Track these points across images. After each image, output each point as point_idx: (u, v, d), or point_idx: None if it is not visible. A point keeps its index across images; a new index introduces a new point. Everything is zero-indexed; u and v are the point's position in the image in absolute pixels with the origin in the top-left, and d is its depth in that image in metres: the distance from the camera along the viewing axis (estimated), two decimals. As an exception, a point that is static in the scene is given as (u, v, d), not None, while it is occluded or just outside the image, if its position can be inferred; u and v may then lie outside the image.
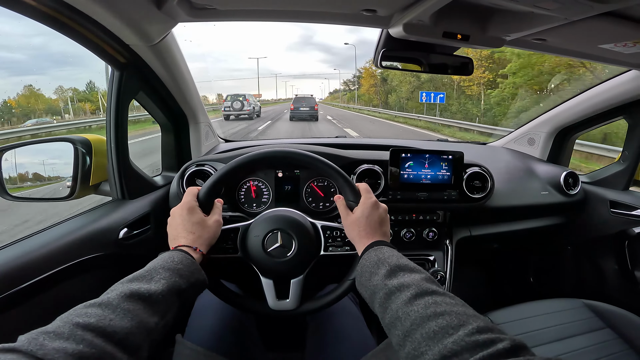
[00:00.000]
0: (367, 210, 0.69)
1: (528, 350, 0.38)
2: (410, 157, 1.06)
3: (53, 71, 29.19)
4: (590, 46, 0.86)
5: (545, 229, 1.36)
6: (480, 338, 0.39)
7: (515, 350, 0.37)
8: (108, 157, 0.90)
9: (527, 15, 0.72)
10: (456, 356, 0.39)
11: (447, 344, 0.40)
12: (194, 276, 0.59)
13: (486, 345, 0.38)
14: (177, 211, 0.69)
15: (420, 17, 0.75)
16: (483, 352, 0.37)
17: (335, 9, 0.80)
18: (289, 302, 0.74)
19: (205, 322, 0.82)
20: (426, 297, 0.49)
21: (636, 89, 1.13)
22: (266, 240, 0.73)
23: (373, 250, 0.63)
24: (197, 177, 1.01)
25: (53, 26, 0.68)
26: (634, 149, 1.26)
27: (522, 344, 0.38)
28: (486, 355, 0.37)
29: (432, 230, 1.14)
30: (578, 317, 1.01)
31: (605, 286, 1.37)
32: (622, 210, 1.27)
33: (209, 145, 1.37)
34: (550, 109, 1.48)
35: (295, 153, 0.76)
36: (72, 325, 0.40)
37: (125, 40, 0.80)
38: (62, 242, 0.74)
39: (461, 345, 0.39)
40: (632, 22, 0.71)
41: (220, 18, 0.84)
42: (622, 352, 0.90)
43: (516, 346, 0.38)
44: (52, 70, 27.63)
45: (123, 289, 0.48)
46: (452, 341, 0.40)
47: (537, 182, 1.34)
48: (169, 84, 1.02)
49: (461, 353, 0.38)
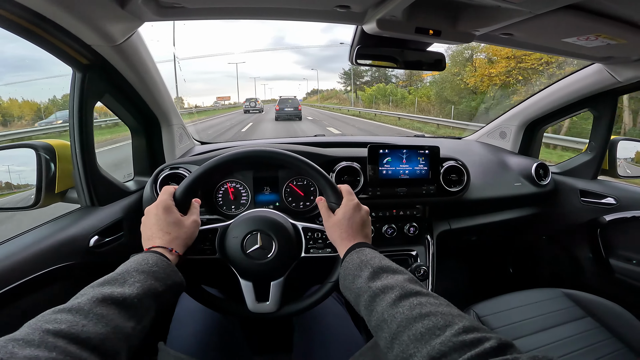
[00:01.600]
0: (349, 212, 0.68)
1: (515, 348, 0.38)
2: (388, 153, 1.07)
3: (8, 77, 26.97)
4: (555, 40, 0.89)
5: (520, 219, 1.40)
6: (467, 338, 0.39)
7: (502, 348, 0.38)
8: (73, 163, 0.86)
9: (494, 9, 0.73)
10: (445, 357, 0.39)
11: (435, 345, 0.40)
12: (171, 278, 0.57)
13: (473, 344, 0.38)
14: (152, 210, 0.66)
15: (393, 13, 0.75)
16: (471, 352, 0.37)
17: (309, 5, 0.79)
18: (268, 305, 0.72)
19: (188, 328, 0.80)
20: (411, 298, 0.49)
21: (600, 81, 1.18)
22: (245, 242, 0.71)
23: (355, 253, 0.62)
24: (171, 181, 0.98)
25: (2, 26, 0.64)
26: (599, 140, 1.32)
27: (509, 342, 0.39)
28: (474, 355, 0.37)
29: (412, 225, 1.15)
30: (559, 307, 1.03)
31: (581, 275, 1.41)
32: (592, 199, 1.32)
33: (184, 147, 1.34)
34: (520, 102, 1.53)
35: (277, 153, 0.75)
36: (42, 332, 0.37)
37: (87, 41, 0.76)
38: (28, 252, 0.70)
39: (449, 345, 0.39)
40: (593, 16, 0.73)
41: (189, 17, 0.81)
42: (604, 341, 0.92)
43: (503, 344, 0.38)
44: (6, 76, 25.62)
45: (94, 294, 0.46)
46: (439, 342, 0.40)
47: (510, 174, 1.38)
48: (137, 86, 0.98)
49: (449, 354, 0.39)
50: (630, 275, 1.22)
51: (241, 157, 0.74)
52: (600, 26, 0.77)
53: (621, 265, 1.25)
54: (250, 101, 26.50)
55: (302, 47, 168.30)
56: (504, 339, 0.39)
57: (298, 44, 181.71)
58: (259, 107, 26.55)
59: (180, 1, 0.72)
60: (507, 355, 0.36)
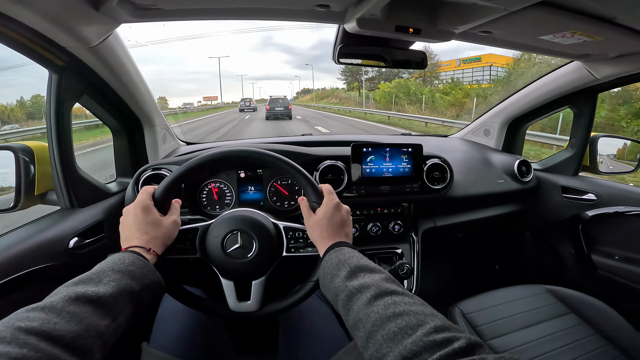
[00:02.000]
0: (329, 212, 0.68)
1: (484, 349, 0.39)
2: (371, 152, 1.07)
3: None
4: (532, 38, 0.90)
5: (504, 216, 1.42)
6: (437, 338, 0.40)
7: (470, 349, 0.38)
8: (52, 165, 0.85)
9: (471, 7, 0.74)
10: (416, 357, 0.39)
11: (406, 344, 0.40)
12: (148, 278, 0.56)
13: (443, 344, 0.39)
14: (130, 210, 0.65)
15: (372, 12, 0.75)
16: (440, 352, 0.38)
17: (288, 5, 0.79)
18: (250, 304, 0.72)
19: (171, 328, 0.80)
20: (385, 297, 0.49)
21: (579, 79, 1.20)
22: (226, 241, 0.71)
23: (334, 252, 0.62)
24: (153, 182, 0.97)
25: None
26: (580, 136, 1.34)
27: (478, 342, 0.39)
28: (443, 355, 0.37)
29: (397, 223, 1.15)
30: (543, 303, 1.04)
31: (565, 271, 1.43)
32: (573, 195, 1.34)
33: (168, 148, 1.32)
34: (503, 100, 1.55)
35: (258, 153, 0.74)
36: (14, 330, 0.38)
37: (61, 43, 0.75)
38: (6, 254, 0.70)
39: (419, 345, 0.40)
40: (568, 12, 0.74)
41: (166, 18, 0.80)
42: (588, 337, 0.93)
43: (471, 345, 0.38)
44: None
45: (68, 292, 0.45)
46: (411, 342, 0.40)
47: (494, 171, 1.39)
48: (116, 87, 0.97)
49: (420, 354, 0.39)
50: (612, 271, 1.23)
51: (221, 157, 0.73)
52: (575, 23, 0.78)
53: (603, 261, 1.26)
54: (245, 101, 29.72)
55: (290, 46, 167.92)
56: (473, 339, 0.39)
57: (286, 43, 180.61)
58: (253, 106, 29.07)
59: (157, 2, 0.71)
60: (475, 355, 0.37)
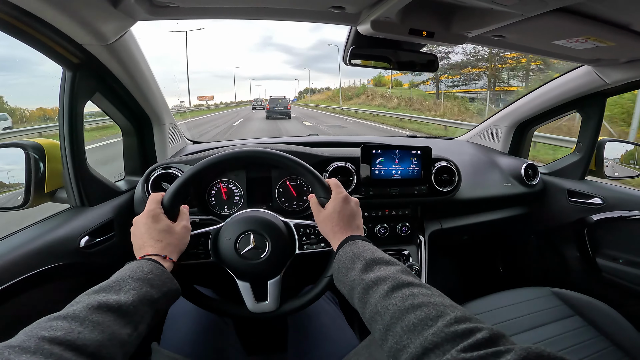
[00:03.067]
0: (338, 205, 0.68)
1: (507, 339, 0.39)
2: (380, 154, 1.07)
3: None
4: (545, 42, 0.91)
5: (510, 219, 1.42)
6: (459, 328, 0.40)
7: (494, 339, 0.38)
8: (63, 163, 0.84)
9: (487, 11, 0.74)
10: (437, 348, 0.39)
11: (427, 336, 0.40)
12: (167, 285, 0.56)
13: (465, 335, 0.39)
14: (140, 220, 0.65)
15: (387, 14, 0.75)
16: (463, 343, 0.38)
17: (303, 6, 0.79)
18: (268, 304, 0.72)
19: (181, 328, 0.80)
20: (403, 289, 0.49)
21: (588, 83, 1.20)
22: (238, 243, 0.71)
23: (348, 245, 0.62)
24: (163, 181, 0.97)
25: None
26: (587, 141, 1.34)
27: (501, 332, 0.39)
28: (466, 345, 0.37)
29: (405, 225, 1.16)
30: (547, 306, 1.04)
31: (569, 274, 1.43)
32: (579, 199, 1.34)
33: (176, 147, 1.32)
34: (510, 103, 1.55)
35: (261, 152, 0.74)
36: (38, 339, 0.37)
37: (78, 40, 0.75)
38: (16, 253, 0.69)
39: (441, 336, 0.39)
40: (584, 19, 0.75)
41: (183, 16, 0.80)
42: (592, 340, 0.93)
43: (495, 335, 0.38)
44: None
45: (90, 301, 0.45)
46: (432, 333, 0.40)
47: (500, 174, 1.39)
48: (129, 85, 0.96)
49: (442, 344, 0.39)
50: (617, 274, 1.24)
51: (228, 159, 0.73)
52: (590, 29, 0.78)
53: (608, 265, 1.27)
54: (257, 100, 37.28)
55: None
56: (495, 330, 0.39)
57: (286, 43, 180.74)
58: (263, 105, 32.23)
59: (174, 0, 0.71)
60: (500, 346, 0.37)
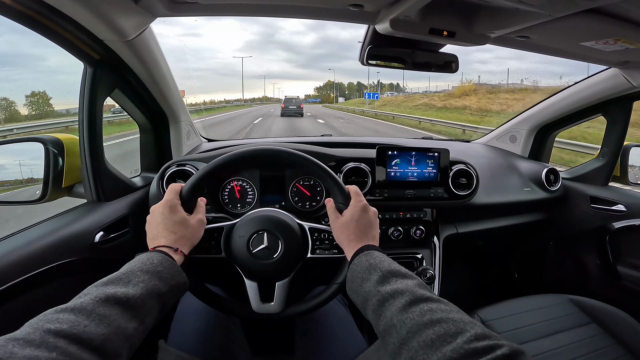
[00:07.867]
0: (356, 214, 0.67)
1: (526, 356, 0.38)
2: (396, 155, 1.06)
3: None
4: (572, 44, 0.88)
5: (528, 225, 1.38)
6: (479, 345, 0.39)
7: (514, 356, 0.37)
8: (81, 158, 0.85)
9: (512, 11, 0.72)
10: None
11: (445, 352, 0.39)
12: (175, 279, 0.56)
13: (485, 352, 0.38)
14: (157, 209, 0.65)
15: (407, 13, 0.74)
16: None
17: (322, 4, 0.78)
18: (273, 306, 0.72)
19: (189, 326, 0.80)
20: (421, 304, 0.48)
21: (615, 87, 1.16)
22: (251, 241, 0.70)
23: (364, 255, 0.61)
24: (177, 178, 0.97)
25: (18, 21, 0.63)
26: (612, 146, 1.29)
27: (521, 350, 0.38)
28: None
29: (419, 228, 1.13)
30: (564, 313, 1.02)
31: (588, 281, 1.39)
32: (602, 206, 1.30)
33: (191, 144, 1.33)
34: (532, 106, 1.51)
35: (285, 152, 0.74)
36: (43, 332, 0.37)
37: (99, 35, 0.76)
38: (32, 247, 0.70)
39: (460, 353, 0.38)
40: (614, 20, 0.72)
41: (202, 13, 0.81)
42: (608, 347, 0.91)
43: (515, 352, 0.37)
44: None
45: (98, 293, 0.45)
46: (451, 349, 0.39)
47: (519, 178, 1.36)
48: (147, 81, 0.97)
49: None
50: (638, 282, 1.20)
51: (248, 156, 0.73)
52: (620, 30, 0.75)
53: (629, 272, 1.24)
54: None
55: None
56: (515, 347, 0.38)
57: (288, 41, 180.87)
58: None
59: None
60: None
